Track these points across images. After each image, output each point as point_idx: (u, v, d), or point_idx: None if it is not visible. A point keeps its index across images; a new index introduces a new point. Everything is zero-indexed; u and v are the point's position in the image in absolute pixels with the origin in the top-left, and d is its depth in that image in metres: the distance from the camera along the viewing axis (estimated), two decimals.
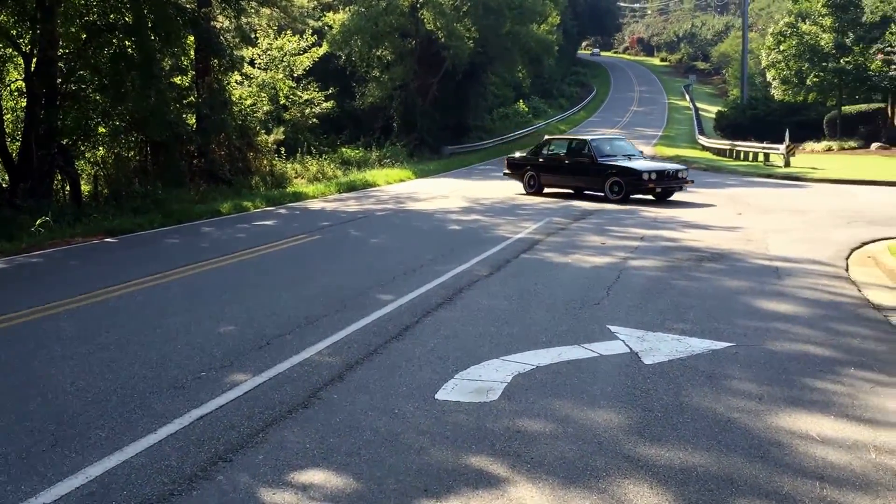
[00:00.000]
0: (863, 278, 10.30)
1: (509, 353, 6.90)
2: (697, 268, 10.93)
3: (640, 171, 19.80)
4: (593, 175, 20.41)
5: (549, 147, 22.47)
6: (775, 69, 42.99)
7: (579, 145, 21.42)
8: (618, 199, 19.65)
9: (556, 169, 21.54)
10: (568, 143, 22.13)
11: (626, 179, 19.79)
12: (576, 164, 20.99)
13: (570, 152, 21.41)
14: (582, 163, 20.80)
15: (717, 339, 7.26)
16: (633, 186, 19.72)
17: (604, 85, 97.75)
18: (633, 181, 19.72)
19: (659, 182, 19.64)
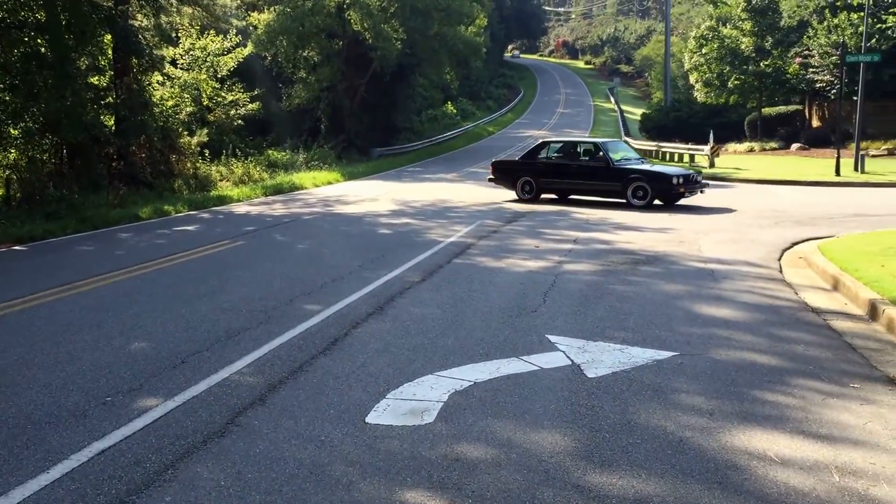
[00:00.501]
0: (797, 280, 10.19)
1: (445, 367, 6.47)
2: (633, 271, 10.69)
3: (670, 175, 18.70)
4: (610, 180, 19.00)
5: (546, 151, 20.76)
6: (698, 72, 43.58)
7: (588, 148, 20.11)
8: (642, 205, 18.46)
9: (560, 174, 19.91)
10: (572, 147, 20.51)
11: (653, 184, 18.54)
12: (586, 168, 19.49)
13: (578, 156, 19.98)
14: (593, 167, 19.32)
15: (660, 348, 6.96)
16: (662, 191, 18.58)
17: (531, 87, 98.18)
18: (663, 186, 18.53)
19: (686, 186, 18.58)
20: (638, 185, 18.63)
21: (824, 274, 10.16)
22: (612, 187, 19.05)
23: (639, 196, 18.62)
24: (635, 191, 18.63)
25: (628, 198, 18.71)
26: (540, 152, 20.71)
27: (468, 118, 68.03)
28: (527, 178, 20.35)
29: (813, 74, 37.95)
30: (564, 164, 19.96)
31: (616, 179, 18.91)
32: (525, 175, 20.41)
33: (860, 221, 15.63)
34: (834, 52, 35.16)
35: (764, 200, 20.07)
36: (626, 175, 18.83)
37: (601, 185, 19.29)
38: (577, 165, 19.72)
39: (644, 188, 18.56)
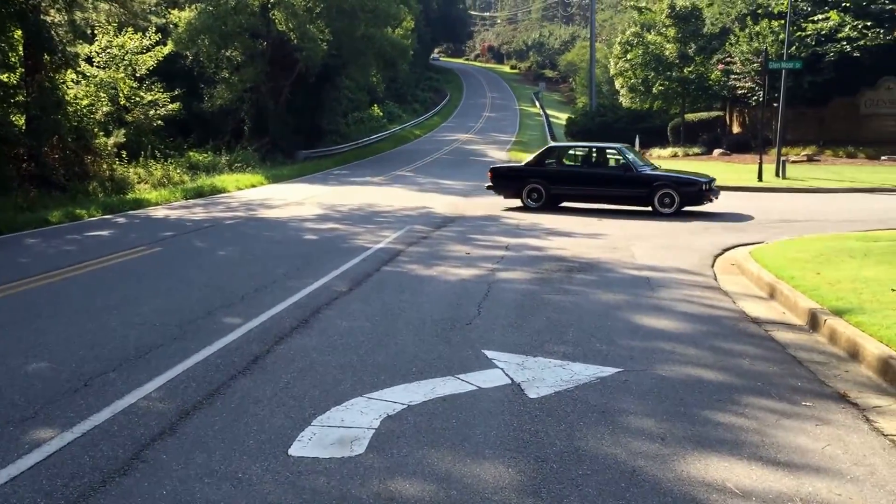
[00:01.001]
0: (733, 288, 10.02)
1: (375, 388, 5.99)
2: (569, 280, 10.37)
3: (700, 182, 18.19)
4: (634, 186, 18.19)
5: (557, 156, 19.93)
6: (623, 77, 43.97)
7: (607, 154, 19.27)
8: (670, 213, 17.75)
9: (577, 181, 18.92)
10: (589, 152, 19.61)
11: (682, 190, 17.90)
12: (607, 175, 18.65)
13: (596, 162, 19.17)
14: (615, 174, 18.54)
15: (603, 363, 6.61)
16: (690, 198, 17.92)
17: (457, 91, 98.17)
18: (692, 192, 17.93)
19: (711, 192, 18.12)
20: (665, 191, 17.88)
21: (759, 282, 10.01)
22: (637, 194, 18.24)
23: (665, 203, 17.87)
24: (662, 198, 17.89)
25: (655, 205, 17.94)
26: (549, 158, 19.61)
27: (395, 121, 67.47)
28: (535, 186, 18.97)
29: (734, 81, 38.59)
30: (581, 171, 19.13)
31: (642, 186, 18.11)
32: (533, 182, 19.00)
33: (786, 227, 15.68)
34: (755, 60, 35.78)
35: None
36: (653, 182, 18.13)
37: (625, 192, 18.39)
38: (596, 172, 18.81)
39: (671, 195, 17.86)
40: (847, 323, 7.38)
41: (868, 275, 9.27)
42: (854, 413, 5.52)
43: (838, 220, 16.77)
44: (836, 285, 8.86)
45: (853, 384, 6.16)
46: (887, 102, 35.19)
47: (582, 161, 19.57)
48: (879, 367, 6.35)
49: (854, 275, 9.36)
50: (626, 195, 18.41)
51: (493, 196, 22.97)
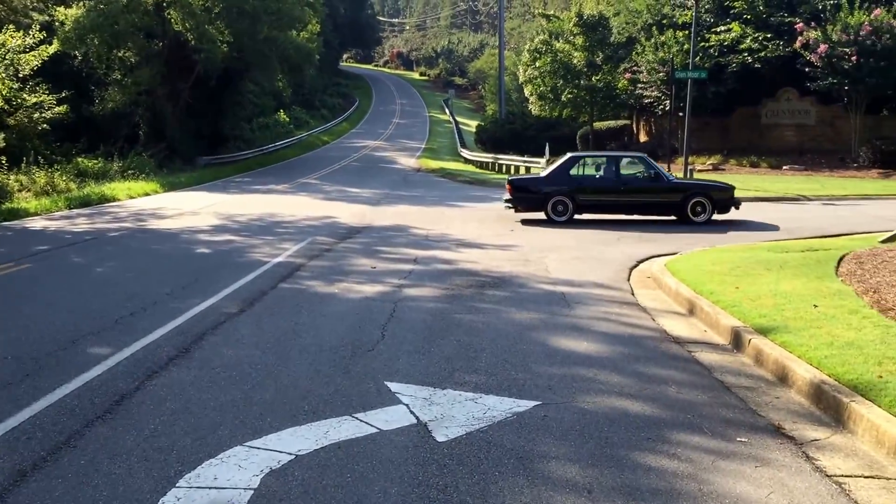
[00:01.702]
0: (651, 303, 9.55)
1: (259, 433, 5.19)
2: (480, 296, 9.72)
3: (731, 189, 18.04)
4: (666, 195, 17.82)
5: (582, 167, 18.93)
6: (532, 85, 43.84)
7: (632, 164, 18.74)
8: (703, 221, 17.47)
9: (605, 191, 18.10)
10: (615, 162, 18.67)
11: (716, 197, 17.73)
12: (638, 184, 18.07)
13: (623, 172, 18.33)
14: (646, 184, 17.99)
15: (520, 395, 5.95)
16: (722, 205, 17.75)
17: (366, 97, 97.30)
18: (724, 200, 17.78)
19: (737, 199, 18.06)
20: (697, 200, 17.64)
21: (678, 297, 9.56)
22: (670, 203, 17.84)
23: (697, 212, 17.60)
24: (694, 206, 17.61)
25: (688, 214, 17.61)
26: (572, 168, 18.68)
27: (302, 127, 66.12)
28: (560, 198, 17.93)
29: (641, 90, 38.89)
30: (611, 181, 18.20)
31: (674, 195, 17.82)
32: (558, 194, 17.96)
33: (697, 238, 15.43)
34: (661, 69, 36.10)
35: (602, 214, 19.77)
36: (685, 190, 17.98)
37: (658, 201, 17.93)
38: (626, 182, 18.13)
39: (703, 203, 17.63)
40: (773, 343, 6.93)
41: (787, 289, 8.90)
42: (792, 449, 5.00)
43: (750, 229, 16.63)
44: (756, 301, 8.45)
45: (786, 413, 5.67)
46: (787, 113, 35.98)
47: (609, 171, 18.69)
48: (811, 393, 5.88)
49: (774, 289, 8.99)
50: (658, 204, 18.01)
51: (402, 205, 22.35)
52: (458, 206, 22.42)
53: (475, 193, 27.02)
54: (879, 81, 30.92)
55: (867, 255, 10.75)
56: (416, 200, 23.92)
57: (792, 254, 11.97)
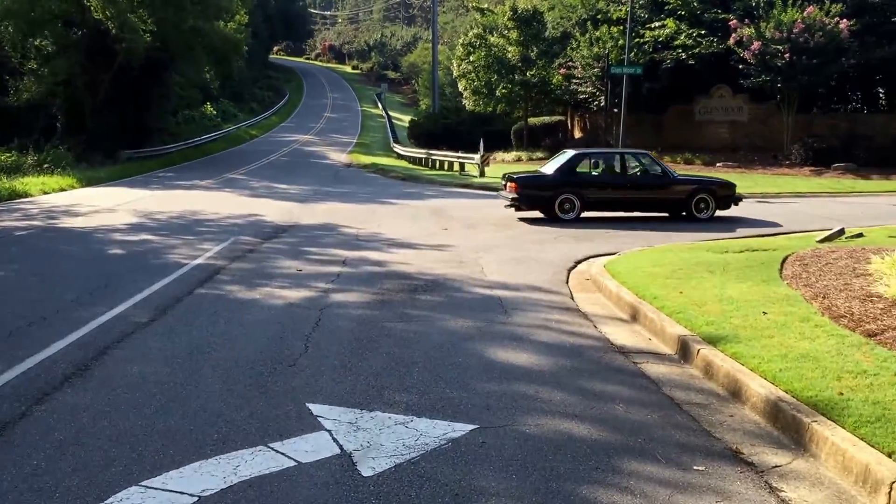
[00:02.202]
0: (592, 308, 9.11)
1: (158, 470, 4.54)
2: (412, 302, 9.15)
3: (733, 185, 18.09)
4: (673, 192, 17.71)
5: (587, 164, 18.48)
6: (466, 79, 43.47)
7: (640, 160, 18.44)
8: (706, 217, 17.42)
9: (612, 188, 17.88)
10: (620, 158, 18.48)
11: (720, 194, 17.75)
12: (643, 181, 17.96)
13: (629, 170, 18.14)
14: (652, 181, 17.88)
15: (455, 417, 5.41)
16: (725, 202, 17.79)
17: (297, 90, 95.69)
18: (727, 196, 17.84)
19: (738, 197, 18.16)
20: (701, 196, 17.58)
21: (620, 302, 9.14)
22: (677, 200, 17.70)
23: (700, 208, 17.53)
24: (698, 203, 17.53)
25: (692, 210, 17.51)
26: (578, 165, 18.27)
27: (230, 120, 64.50)
28: (567, 196, 17.42)
29: (576, 86, 38.75)
30: (618, 179, 18.04)
31: (680, 192, 17.69)
32: (566, 192, 17.45)
33: (635, 237, 15.14)
34: (596, 65, 36.00)
35: (537, 213, 19.40)
36: (690, 187, 17.85)
37: (664, 198, 17.81)
38: (633, 179, 18.03)
39: (706, 200, 17.58)
40: (723, 354, 6.52)
41: (734, 294, 8.54)
42: (754, 479, 4.56)
43: (683, 229, 16.40)
44: (703, 307, 8.07)
45: (743, 434, 5.25)
46: (720, 110, 36.21)
47: (615, 168, 18.48)
48: (767, 411, 5.48)
49: (719, 293, 8.62)
50: (664, 201, 17.87)
51: (332, 202, 21.64)
52: (390, 203, 21.81)
53: (408, 190, 26.43)
54: (811, 79, 31.26)
55: (810, 256, 10.50)
56: (347, 197, 23.23)
57: (732, 254, 11.70)
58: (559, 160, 18.54)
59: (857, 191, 25.87)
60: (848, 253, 10.54)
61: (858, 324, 6.95)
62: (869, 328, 6.80)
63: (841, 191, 25.74)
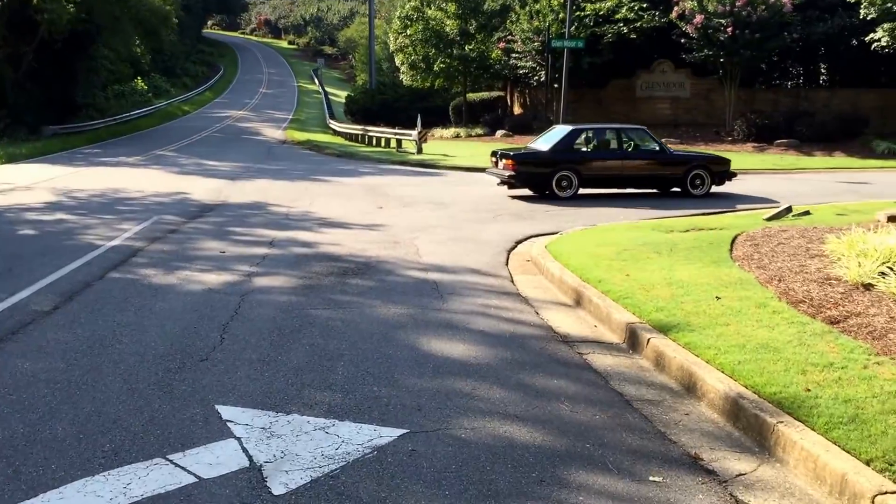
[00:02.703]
0: (533, 292, 8.59)
1: (36, 489, 3.88)
2: (342, 286, 8.52)
3: (728, 161, 18.00)
4: (669, 168, 17.46)
5: (583, 140, 17.89)
6: (403, 54, 42.56)
7: (637, 136, 18.01)
8: (702, 194, 17.23)
9: (610, 165, 17.34)
10: (617, 134, 17.82)
11: (715, 170, 17.56)
12: (641, 157, 17.53)
13: (626, 146, 17.60)
14: (649, 156, 17.55)
15: (382, 420, 4.82)
16: (721, 177, 17.62)
17: (232, 65, 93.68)
18: (722, 172, 17.67)
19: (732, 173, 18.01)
20: (696, 172, 17.37)
21: (563, 285, 8.63)
22: (673, 176, 17.46)
23: (696, 185, 17.34)
24: (693, 179, 17.33)
25: (687, 186, 17.30)
26: (575, 142, 17.70)
27: (161, 96, 62.52)
28: (565, 173, 16.89)
29: (516, 60, 38.17)
30: (616, 155, 17.46)
31: (677, 167, 17.45)
32: (564, 169, 16.92)
33: (576, 214, 14.71)
34: (536, 39, 35.46)
35: (477, 190, 18.89)
36: (686, 163, 17.59)
37: (661, 174, 17.56)
38: (631, 155, 17.50)
39: (702, 176, 17.40)
40: (675, 344, 6.05)
41: (683, 276, 8.10)
42: (717, 490, 4.08)
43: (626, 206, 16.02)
44: (651, 290, 7.60)
45: (700, 435, 4.77)
46: (661, 85, 36.01)
47: (613, 144, 17.90)
48: (727, 410, 5.01)
49: (668, 276, 8.17)
50: (661, 177, 17.64)
51: (263, 179, 20.79)
52: (324, 180, 21.04)
53: (343, 167, 25.63)
54: (754, 54, 31.15)
55: (761, 235, 10.14)
56: (280, 175, 22.37)
57: (678, 234, 11.31)
58: (554, 136, 18.02)
59: (801, 167, 25.88)
60: (800, 232, 10.21)
61: (819, 310, 6.55)
62: (830, 314, 6.39)
63: (784, 167, 25.71)
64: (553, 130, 18.68)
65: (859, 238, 8.15)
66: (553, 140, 17.75)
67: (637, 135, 18.26)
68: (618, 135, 17.98)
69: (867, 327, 6.08)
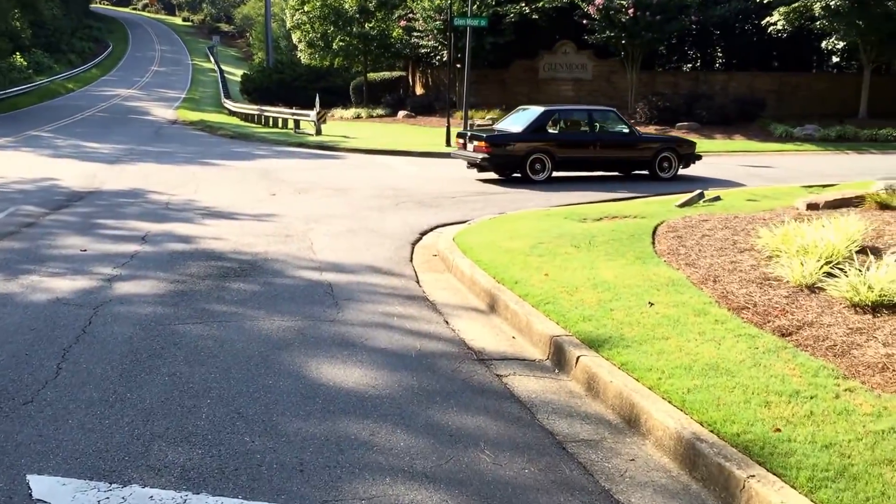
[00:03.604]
0: (442, 294, 7.58)
1: None
2: (220, 292, 7.30)
3: (694, 143, 17.87)
4: (639, 151, 17.11)
5: (556, 122, 17.11)
6: (300, 31, 40.84)
7: (608, 118, 17.68)
8: (669, 177, 16.86)
9: (582, 147, 16.81)
10: (587, 117, 17.39)
11: (682, 152, 17.31)
12: (611, 140, 17.16)
13: (598, 128, 17.19)
14: (619, 139, 17.19)
15: (252, 490, 3.72)
16: (688, 160, 17.41)
17: (122, 42, 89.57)
18: (689, 155, 17.48)
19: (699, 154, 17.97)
20: (664, 155, 17.08)
21: (474, 286, 7.63)
22: (643, 159, 17.13)
23: (664, 167, 17.05)
24: (661, 161, 17.03)
25: (655, 169, 16.99)
26: (548, 124, 16.85)
27: (44, 72, 58.72)
28: (538, 156, 16.19)
29: (417, 39, 36.99)
30: (587, 137, 17.00)
31: (646, 150, 17.14)
32: (537, 152, 16.20)
33: (484, 201, 13.79)
34: (437, 17, 34.36)
35: (378, 175, 17.77)
36: (655, 145, 17.37)
37: (632, 157, 17.21)
38: (602, 137, 17.12)
39: (669, 159, 17.11)
40: (610, 364, 5.13)
41: (608, 276, 7.19)
42: None
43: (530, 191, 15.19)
44: (574, 294, 6.66)
45: (654, 492, 3.85)
46: (564, 66, 35.43)
47: (585, 126, 17.32)
48: (680, 454, 4.11)
49: (591, 276, 7.25)
50: (632, 160, 17.29)
51: (147, 163, 19.15)
52: (214, 164, 19.53)
53: (236, 149, 24.04)
54: (655, 36, 30.85)
55: (682, 226, 9.35)
56: (166, 158, 20.71)
57: (593, 223, 10.47)
58: (525, 118, 17.14)
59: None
60: (721, 222, 9.46)
61: (765, 318, 5.71)
62: (780, 324, 5.56)
63: None
64: (522, 111, 17.84)
65: (796, 232, 7.40)
66: (525, 121, 16.93)
67: (608, 116, 17.94)
68: (589, 117, 17.56)
69: (825, 341, 5.27)
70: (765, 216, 9.76)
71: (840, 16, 28.42)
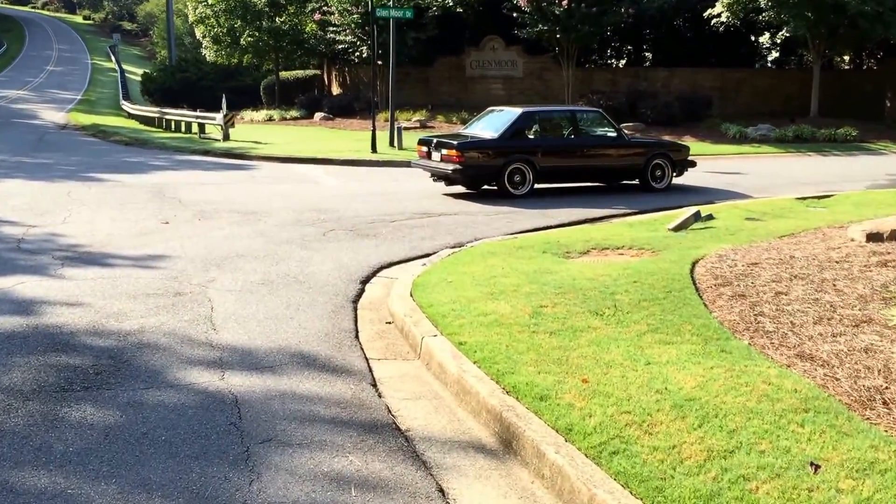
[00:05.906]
0: (418, 417, 4.97)
1: None
2: (49, 430, 4.35)
3: (686, 147, 15.97)
4: (630, 157, 14.95)
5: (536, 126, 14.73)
6: (204, 25, 37.46)
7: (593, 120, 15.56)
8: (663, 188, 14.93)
9: (566, 155, 14.60)
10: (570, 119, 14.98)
11: (676, 158, 15.24)
12: (599, 145, 14.86)
13: (584, 132, 14.99)
14: (607, 144, 14.88)
15: None
16: (682, 167, 15.49)
17: (17, 41, 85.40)
18: (683, 161, 15.48)
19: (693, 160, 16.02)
20: (657, 162, 14.98)
21: (465, 395, 4.91)
22: (634, 166, 14.97)
23: (657, 176, 14.99)
24: (654, 170, 14.95)
25: (648, 179, 14.91)
26: (527, 129, 14.52)
27: None
28: (518, 165, 13.81)
29: (333, 34, 33.99)
30: (572, 143, 14.71)
31: (637, 156, 14.98)
32: (516, 161, 13.81)
33: (432, 226, 11.13)
34: (355, 10, 31.52)
35: (298, 190, 14.90)
36: (647, 150, 15.10)
37: (622, 165, 14.99)
38: (588, 143, 14.87)
39: (662, 166, 15.03)
40: None
41: (686, 384, 4.49)
42: None
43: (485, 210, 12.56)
44: (654, 429, 3.96)
45: None
46: (493, 63, 33.00)
47: (569, 130, 14.79)
48: None
49: (656, 380, 4.55)
50: (622, 168, 15.10)
51: (12, 180, 15.70)
52: (98, 179, 16.28)
53: (130, 159, 20.73)
54: (591, 29, 28.65)
55: (731, 275, 6.73)
56: (40, 172, 17.32)
57: (587, 264, 7.87)
58: (499, 121, 14.58)
59: None
60: (780, 266, 6.91)
61: None
62: None
63: None
64: (497, 113, 15.24)
65: None
66: (500, 125, 14.36)
67: (594, 119, 15.64)
68: (573, 119, 15.04)
69: None
70: (828, 254, 7.29)
71: (788, 6, 26.74)
